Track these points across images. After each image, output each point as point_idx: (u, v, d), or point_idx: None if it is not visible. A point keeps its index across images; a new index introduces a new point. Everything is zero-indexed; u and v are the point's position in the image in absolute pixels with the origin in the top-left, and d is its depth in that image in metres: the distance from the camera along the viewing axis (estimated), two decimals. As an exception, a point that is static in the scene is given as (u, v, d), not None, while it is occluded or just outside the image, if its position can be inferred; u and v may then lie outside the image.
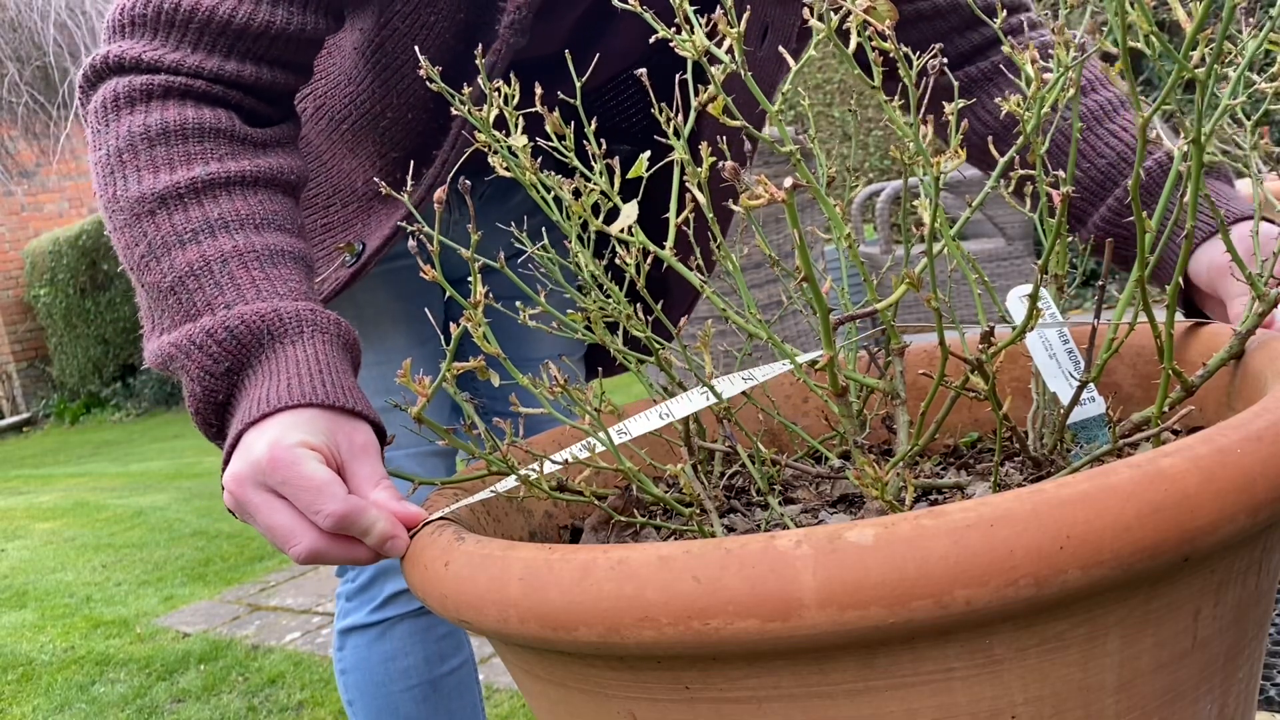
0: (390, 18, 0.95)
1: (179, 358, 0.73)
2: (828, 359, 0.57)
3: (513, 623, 0.49)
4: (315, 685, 2.72)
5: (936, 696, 0.45)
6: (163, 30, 0.83)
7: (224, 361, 0.72)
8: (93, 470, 6.97)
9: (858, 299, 0.81)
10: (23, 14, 6.69)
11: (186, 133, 0.80)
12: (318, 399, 0.68)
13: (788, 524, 0.65)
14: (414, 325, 1.22)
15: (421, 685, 1.29)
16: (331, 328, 0.74)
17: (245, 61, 0.85)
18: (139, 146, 0.79)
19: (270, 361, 0.71)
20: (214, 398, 0.72)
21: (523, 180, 0.68)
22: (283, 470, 0.64)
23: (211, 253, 0.75)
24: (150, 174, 0.78)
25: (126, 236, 0.78)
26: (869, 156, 6.84)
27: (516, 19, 0.89)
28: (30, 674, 3.18)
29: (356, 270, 1.04)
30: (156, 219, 0.77)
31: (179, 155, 0.79)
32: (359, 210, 1.08)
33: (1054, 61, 0.59)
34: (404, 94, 0.99)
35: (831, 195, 0.57)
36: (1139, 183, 0.54)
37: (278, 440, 0.65)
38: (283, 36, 0.85)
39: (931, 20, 1.06)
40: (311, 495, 0.63)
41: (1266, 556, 0.52)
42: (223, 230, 0.77)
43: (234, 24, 0.83)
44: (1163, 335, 0.59)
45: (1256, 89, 0.64)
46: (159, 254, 0.76)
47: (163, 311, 0.76)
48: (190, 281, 0.74)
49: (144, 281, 0.77)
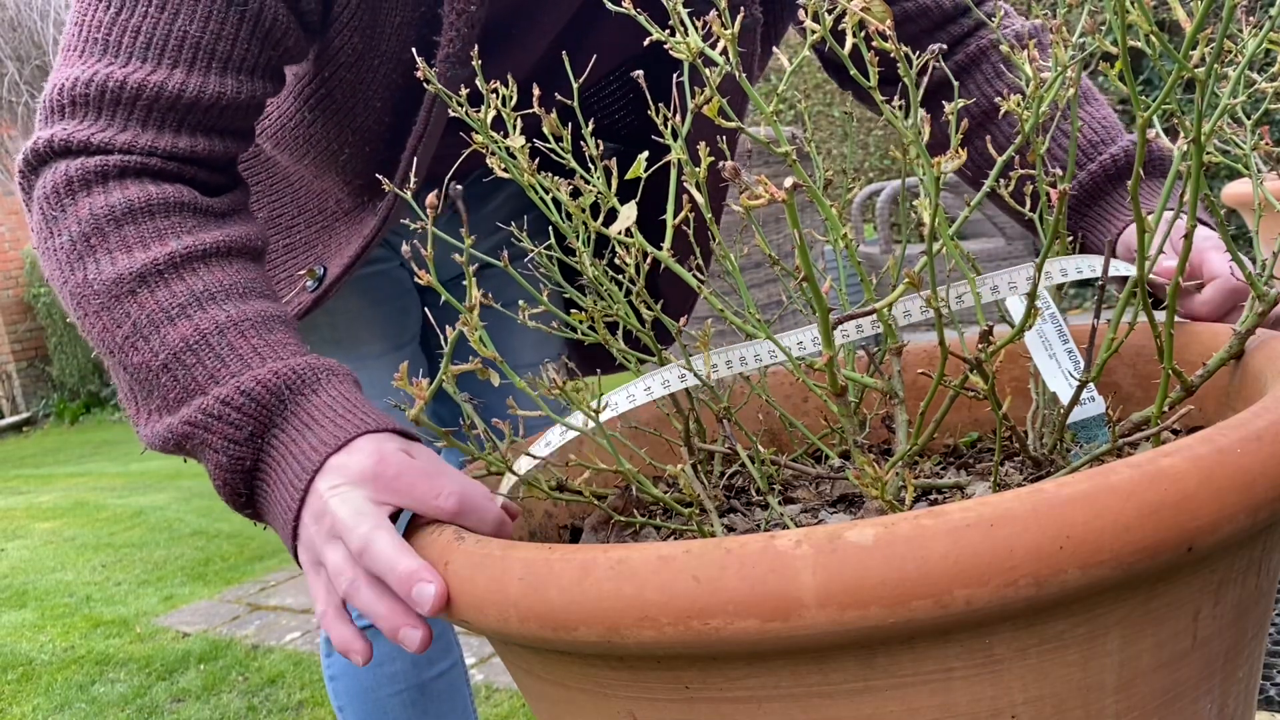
0: (335, 69, 0.93)
1: (197, 434, 0.71)
2: (827, 359, 0.57)
3: (513, 623, 0.49)
4: (315, 685, 2.72)
5: (936, 696, 0.45)
6: (107, 110, 0.80)
7: (246, 426, 0.70)
8: (93, 470, 6.97)
9: (857, 299, 0.81)
10: (22, 13, 6.70)
11: (153, 209, 0.77)
12: (382, 424, 0.68)
13: (788, 524, 0.65)
14: (389, 330, 1.22)
15: (410, 690, 1.29)
16: (341, 370, 0.73)
17: (196, 135, 0.82)
18: (106, 229, 0.76)
19: (299, 414, 0.70)
20: (240, 465, 0.70)
21: (521, 181, 0.68)
22: (396, 469, 0.63)
23: (206, 325, 0.73)
24: (124, 254, 0.75)
25: (105, 320, 0.75)
26: (869, 156, 6.83)
27: (451, 52, 0.88)
28: (30, 674, 3.18)
29: (319, 295, 1.03)
30: (139, 298, 0.74)
31: (149, 232, 0.76)
32: (322, 230, 1.07)
33: (1053, 62, 0.59)
34: (359, 132, 0.98)
35: (830, 196, 0.57)
36: (1139, 182, 0.54)
37: (378, 452, 0.64)
38: (232, 107, 0.83)
39: (901, 25, 1.07)
40: (430, 483, 0.62)
41: (1266, 556, 0.52)
42: (210, 302, 0.74)
43: (183, 99, 0.80)
44: (1163, 335, 0.59)
45: (1256, 89, 0.64)
46: (146, 333, 0.73)
47: (152, 390, 0.73)
48: (188, 356, 0.72)
49: (129, 363, 0.74)
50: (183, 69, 0.80)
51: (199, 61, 0.81)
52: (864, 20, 0.55)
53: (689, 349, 0.72)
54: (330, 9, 0.89)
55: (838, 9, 0.56)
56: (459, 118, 0.68)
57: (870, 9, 0.54)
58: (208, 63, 0.81)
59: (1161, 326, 0.59)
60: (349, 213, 1.05)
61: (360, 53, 0.92)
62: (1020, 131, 0.59)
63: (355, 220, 1.04)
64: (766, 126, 0.63)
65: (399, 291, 1.24)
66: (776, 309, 2.41)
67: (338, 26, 0.90)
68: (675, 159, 0.63)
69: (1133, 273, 0.65)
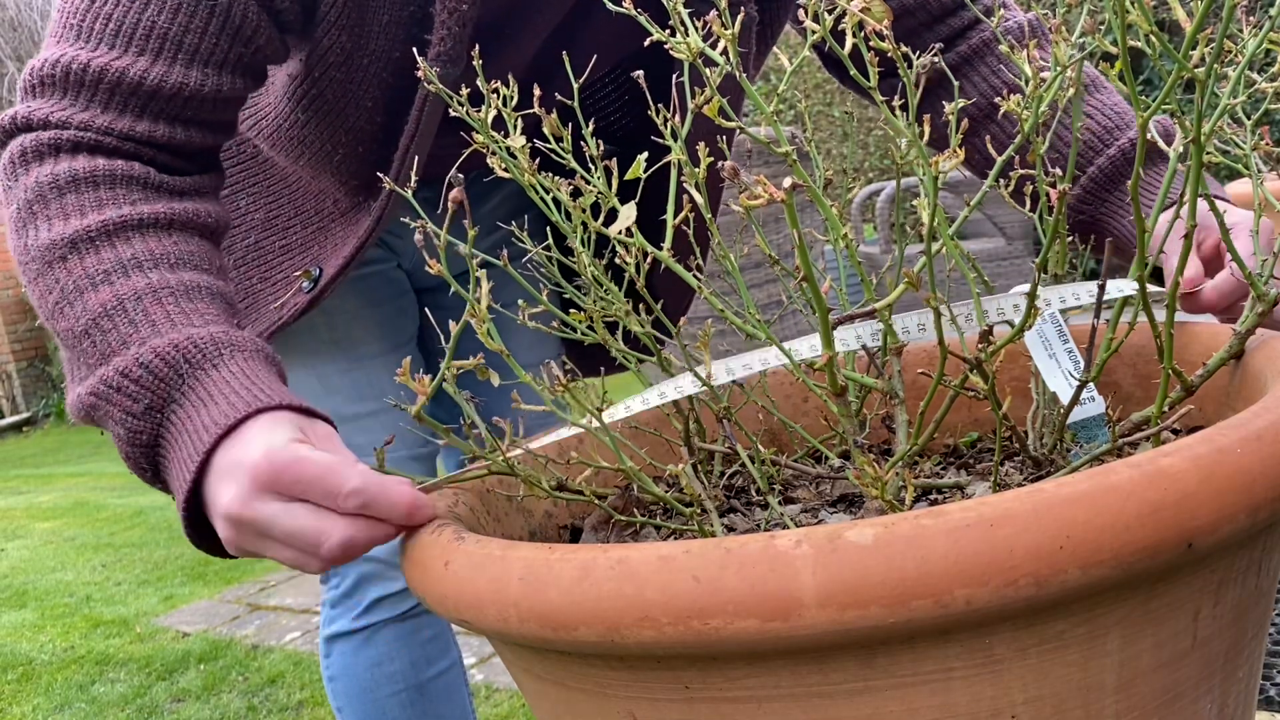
0: (325, 69, 0.94)
1: (100, 405, 0.70)
2: (826, 359, 0.57)
3: (513, 622, 0.49)
4: (315, 685, 2.72)
5: (936, 696, 0.45)
6: (71, 90, 0.81)
7: (142, 399, 0.69)
8: (93, 470, 6.97)
9: (857, 299, 0.81)
10: (22, 13, 6.69)
11: (97, 180, 0.78)
12: (271, 403, 0.65)
13: (788, 524, 0.65)
14: (386, 330, 1.22)
15: (408, 690, 1.29)
16: (249, 345, 0.72)
17: (158, 122, 0.83)
18: (48, 196, 0.77)
19: (197, 389, 0.68)
20: (138, 439, 0.69)
21: (521, 181, 0.68)
22: (290, 469, 0.61)
23: (125, 291, 0.72)
24: (60, 220, 0.76)
25: (40, 286, 0.75)
26: (869, 156, 6.83)
27: (442, 51, 0.88)
28: (30, 674, 3.18)
29: (315, 296, 1.03)
30: (68, 264, 0.74)
31: (89, 201, 0.77)
32: (318, 231, 1.07)
33: (1052, 60, 0.59)
34: (351, 132, 0.98)
35: (830, 196, 0.57)
36: (1138, 182, 0.54)
37: (269, 445, 0.62)
38: (196, 98, 0.83)
39: (899, 19, 1.07)
40: (329, 480, 0.60)
41: (1266, 556, 0.52)
42: (135, 269, 0.74)
43: (145, 86, 0.81)
44: (1163, 335, 0.59)
45: (1256, 89, 0.64)
46: (71, 299, 0.73)
47: (79, 358, 0.73)
48: (104, 322, 0.71)
49: (59, 329, 0.74)
50: (148, 57, 0.81)
51: (165, 52, 0.82)
52: (864, 20, 0.55)
53: (688, 349, 0.72)
54: (315, 9, 0.90)
55: (837, 9, 0.56)
56: (454, 118, 0.68)
57: (870, 9, 0.54)
58: (174, 53, 0.82)
59: (1161, 326, 0.59)
60: (345, 213, 1.05)
61: (349, 52, 0.92)
62: (1020, 131, 0.59)
63: (351, 221, 1.04)
64: (766, 126, 0.63)
65: (396, 292, 1.24)
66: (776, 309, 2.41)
67: (325, 26, 0.90)
68: (674, 159, 0.63)
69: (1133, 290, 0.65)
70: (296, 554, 0.62)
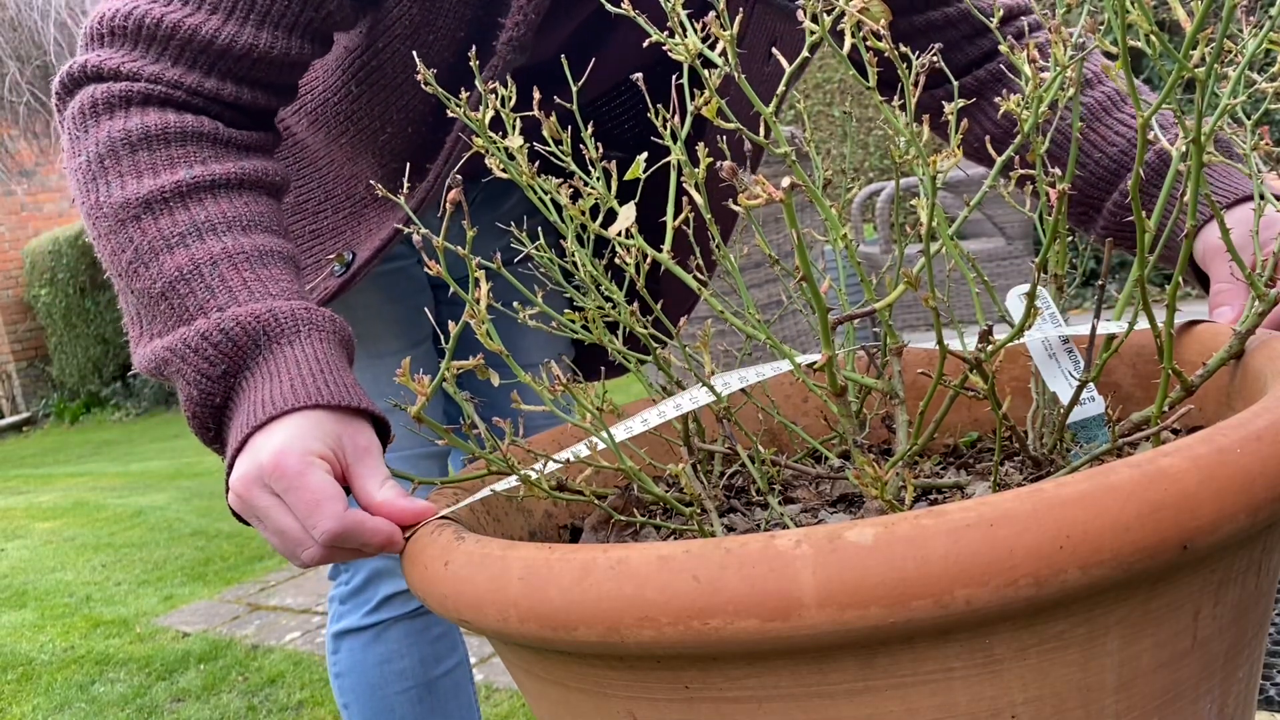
0: (389, 40, 0.94)
1: (174, 361, 0.73)
2: (826, 359, 0.57)
3: (513, 622, 0.49)
4: (315, 685, 2.72)
5: (936, 696, 0.45)
6: (143, 43, 0.83)
7: (220, 364, 0.71)
8: (93, 470, 6.97)
9: (857, 299, 0.81)
10: (23, 13, 6.69)
11: (169, 137, 0.80)
12: (323, 399, 0.68)
13: (788, 524, 0.65)
14: (406, 328, 1.22)
15: (417, 687, 1.29)
16: (327, 325, 0.74)
17: (225, 80, 0.84)
18: (120, 152, 0.79)
19: (269, 362, 0.71)
20: (211, 401, 0.72)
21: (519, 181, 0.68)
22: (287, 479, 0.65)
23: (201, 256, 0.75)
24: (134, 179, 0.78)
25: (112, 243, 0.78)
26: (869, 156, 6.83)
27: (515, 36, 0.89)
28: (30, 674, 3.18)
29: (346, 280, 1.03)
30: (142, 224, 0.76)
31: (161, 160, 0.79)
32: (350, 217, 1.08)
33: (1052, 60, 0.59)
34: (404, 110, 0.99)
35: (829, 196, 0.57)
36: (1139, 182, 0.54)
37: (285, 447, 0.65)
38: (265, 60, 0.85)
39: (943, 29, 1.09)
40: (309, 509, 0.64)
41: (1266, 556, 0.52)
42: (210, 233, 0.76)
43: (215, 45, 0.82)
44: (1163, 335, 0.59)
45: (1256, 89, 0.64)
46: (147, 260, 0.76)
47: (154, 317, 0.76)
48: (181, 286, 0.74)
49: (133, 288, 0.77)
50: (220, 16, 0.83)
51: (238, 11, 0.83)
52: (868, 21, 0.55)
53: (688, 349, 0.72)
54: None
55: (836, 10, 0.56)
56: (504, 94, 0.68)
57: (869, 9, 0.54)
58: (246, 14, 0.83)
59: (1162, 326, 0.59)
60: (379, 199, 1.05)
61: (417, 25, 0.92)
62: (1038, 130, 0.59)
63: (386, 207, 1.04)
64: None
65: (417, 289, 1.24)
66: (776, 309, 2.41)
67: None
68: (675, 160, 0.63)
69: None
70: (281, 547, 0.67)
